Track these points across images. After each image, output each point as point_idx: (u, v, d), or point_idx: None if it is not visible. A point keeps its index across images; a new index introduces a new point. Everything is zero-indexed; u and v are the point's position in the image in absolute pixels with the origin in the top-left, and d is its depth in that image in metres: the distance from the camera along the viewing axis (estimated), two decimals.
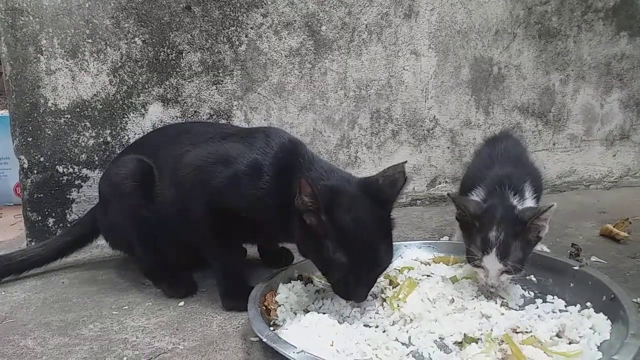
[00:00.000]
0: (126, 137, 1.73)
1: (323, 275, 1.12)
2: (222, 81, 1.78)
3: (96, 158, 1.71)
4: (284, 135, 1.28)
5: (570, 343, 0.98)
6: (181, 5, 1.70)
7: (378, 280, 1.24)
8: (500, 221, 1.14)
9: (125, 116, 1.72)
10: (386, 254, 1.09)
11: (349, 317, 1.11)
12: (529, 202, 1.26)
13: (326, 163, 1.24)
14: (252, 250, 1.49)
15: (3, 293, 1.37)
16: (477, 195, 1.28)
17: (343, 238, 1.05)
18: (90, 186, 1.71)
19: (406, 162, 1.17)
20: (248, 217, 1.19)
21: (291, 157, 1.20)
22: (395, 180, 1.12)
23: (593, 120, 2.16)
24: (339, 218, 1.05)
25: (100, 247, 1.56)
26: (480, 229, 1.15)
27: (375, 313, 1.12)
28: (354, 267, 1.05)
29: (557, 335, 1.01)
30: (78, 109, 1.68)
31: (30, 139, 1.66)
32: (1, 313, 1.26)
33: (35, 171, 1.68)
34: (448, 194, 1.26)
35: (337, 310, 1.13)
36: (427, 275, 1.28)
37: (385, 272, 1.14)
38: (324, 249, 1.05)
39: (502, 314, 1.10)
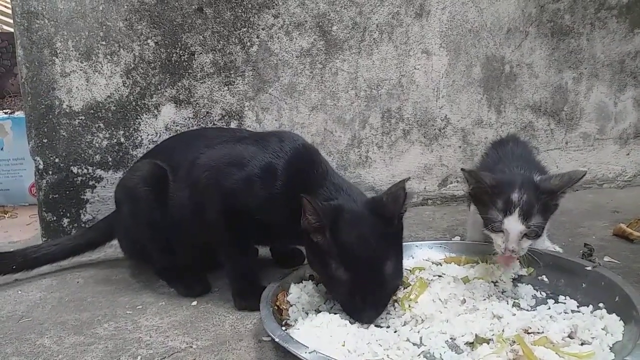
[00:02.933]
0: (139, 138, 1.75)
1: (328, 291, 1.15)
2: (234, 82, 1.79)
3: (110, 159, 1.74)
4: (297, 140, 1.29)
5: (582, 344, 0.98)
6: (193, 7, 1.72)
7: None
8: (521, 184, 1.14)
9: (139, 117, 1.74)
10: (392, 272, 1.08)
11: None
12: None
13: (338, 177, 1.24)
14: (263, 251, 1.50)
15: (19, 292, 1.40)
16: None
17: (345, 256, 1.06)
18: (104, 187, 1.74)
19: (409, 178, 1.15)
20: (261, 219, 1.20)
21: (304, 163, 1.22)
22: (397, 197, 1.11)
23: (606, 118, 2.14)
24: (340, 236, 1.06)
25: (114, 246, 1.57)
26: (500, 193, 1.14)
27: (387, 313, 1.12)
28: (357, 286, 1.05)
29: (569, 336, 1.00)
30: (92, 111, 1.71)
31: (45, 140, 1.69)
32: (18, 312, 1.28)
33: (50, 172, 1.71)
34: (462, 169, 1.23)
35: None
36: (439, 276, 1.28)
37: (395, 291, 1.13)
38: (328, 266, 1.07)
39: (514, 315, 1.09)
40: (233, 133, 1.44)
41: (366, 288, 1.06)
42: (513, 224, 1.13)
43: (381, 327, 1.08)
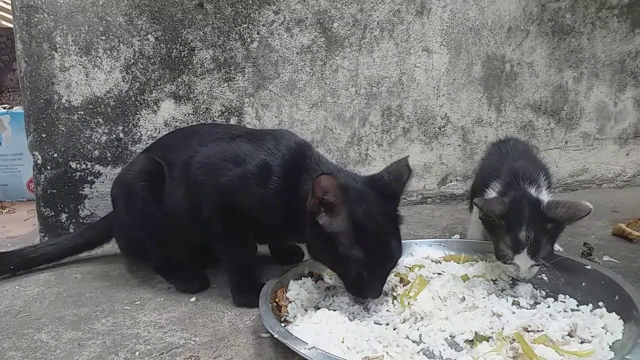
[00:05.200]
0: (138, 134, 1.74)
1: (338, 275, 1.13)
2: (234, 78, 1.79)
3: (109, 154, 1.73)
4: (291, 138, 1.28)
5: (582, 342, 0.98)
6: (194, 2, 1.71)
7: (389, 277, 1.25)
8: (529, 220, 1.14)
9: (138, 113, 1.73)
10: (397, 248, 1.11)
11: (359, 314, 1.11)
12: (545, 194, 1.26)
13: (332, 163, 1.25)
14: (262, 247, 1.50)
15: (17, 287, 1.39)
16: (493, 189, 1.28)
17: (359, 232, 1.06)
18: (103, 182, 1.73)
19: (409, 156, 1.18)
20: (256, 217, 1.20)
21: (299, 159, 1.21)
22: (400, 175, 1.13)
23: (606, 118, 2.14)
24: (353, 213, 1.06)
25: (112, 242, 1.57)
26: (509, 228, 1.15)
27: (386, 311, 1.12)
28: (368, 262, 1.06)
29: (569, 335, 1.00)
30: (91, 106, 1.70)
31: (44, 135, 1.68)
32: (16, 307, 1.27)
33: (48, 167, 1.70)
34: (475, 202, 1.24)
35: (348, 307, 1.13)
36: (438, 274, 1.28)
37: (396, 267, 1.15)
38: (340, 246, 1.06)
39: (514, 313, 1.09)
40: (228, 130, 1.43)
41: (376, 264, 1.07)
42: (523, 261, 1.14)
43: (380, 324, 1.08)
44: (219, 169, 1.24)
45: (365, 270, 1.06)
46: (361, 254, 1.05)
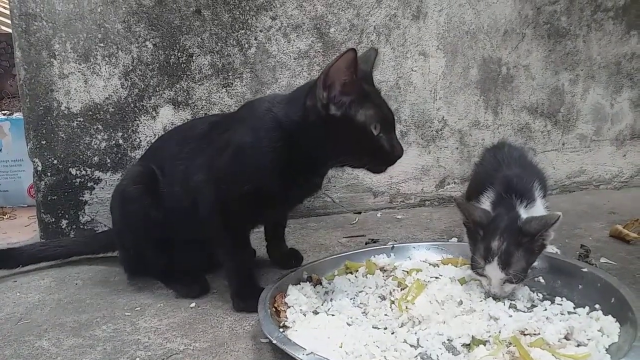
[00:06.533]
0: (137, 140, 1.75)
1: (364, 159, 1.14)
2: (232, 84, 1.80)
3: (108, 161, 1.74)
4: (258, 101, 1.32)
5: (578, 345, 0.99)
6: (191, 9, 1.72)
7: (386, 281, 1.26)
8: (503, 230, 1.15)
9: (137, 119, 1.74)
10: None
11: (357, 318, 1.12)
12: (539, 204, 1.27)
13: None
14: (261, 252, 1.51)
15: (18, 294, 1.40)
16: (487, 198, 1.29)
17: (367, 97, 1.13)
18: (103, 188, 1.74)
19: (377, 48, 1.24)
20: (259, 191, 1.19)
21: (268, 110, 1.21)
22: (368, 58, 1.20)
23: (603, 120, 2.15)
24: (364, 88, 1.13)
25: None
26: (484, 237, 1.17)
27: (384, 315, 1.13)
28: (385, 124, 1.12)
29: (566, 338, 1.01)
30: (90, 112, 1.71)
31: (44, 142, 1.69)
32: (17, 314, 1.28)
33: (48, 173, 1.71)
34: (454, 199, 1.26)
35: (346, 312, 1.14)
36: (436, 277, 1.29)
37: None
38: (360, 112, 1.10)
39: (510, 316, 1.10)
40: (207, 119, 1.44)
41: (390, 123, 1.14)
42: (493, 273, 1.15)
43: (378, 328, 1.08)
44: (208, 164, 1.25)
45: (385, 133, 1.11)
46: (373, 111, 1.11)
